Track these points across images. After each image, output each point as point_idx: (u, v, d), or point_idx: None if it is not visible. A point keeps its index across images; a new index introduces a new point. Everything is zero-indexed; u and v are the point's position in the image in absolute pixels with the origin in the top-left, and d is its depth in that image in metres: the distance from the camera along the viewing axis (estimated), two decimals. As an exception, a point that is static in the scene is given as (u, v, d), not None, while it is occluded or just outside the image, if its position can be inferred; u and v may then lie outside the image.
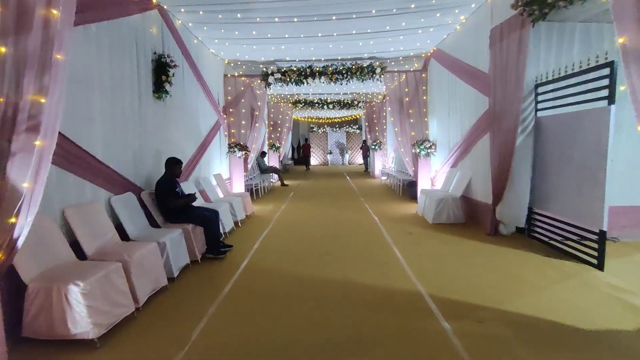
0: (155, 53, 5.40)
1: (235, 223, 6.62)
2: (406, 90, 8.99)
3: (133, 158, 4.71)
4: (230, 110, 9.17)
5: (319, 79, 8.89)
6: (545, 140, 4.93)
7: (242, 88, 9.19)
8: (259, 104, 9.24)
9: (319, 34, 7.39)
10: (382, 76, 8.88)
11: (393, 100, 9.09)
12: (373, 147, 14.56)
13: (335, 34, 7.30)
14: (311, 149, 22.73)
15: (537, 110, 5.11)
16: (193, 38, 7.05)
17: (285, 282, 3.98)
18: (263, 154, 13.04)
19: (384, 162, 14.89)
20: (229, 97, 9.19)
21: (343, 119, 25.07)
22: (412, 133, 8.98)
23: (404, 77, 8.99)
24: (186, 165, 6.32)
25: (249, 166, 9.40)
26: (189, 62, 6.69)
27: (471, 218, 6.59)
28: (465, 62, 6.61)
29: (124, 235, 4.01)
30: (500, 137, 5.20)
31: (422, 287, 3.73)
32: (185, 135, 6.53)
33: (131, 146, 4.67)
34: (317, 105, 14.83)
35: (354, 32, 7.15)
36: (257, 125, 9.25)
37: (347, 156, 24.41)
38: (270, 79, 8.90)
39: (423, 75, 8.96)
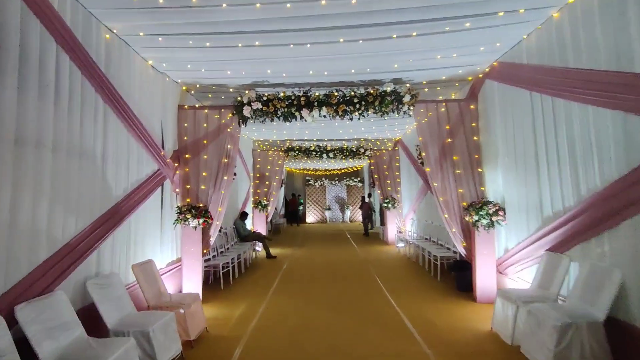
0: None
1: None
2: (447, 127, 6.10)
3: None
4: (187, 156, 6.16)
5: (319, 110, 6.00)
6: None
7: (205, 125, 6.26)
8: (229, 147, 6.25)
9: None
10: (412, 108, 6.02)
11: (428, 141, 6.15)
12: (386, 205, 11.46)
13: (341, 40, 4.54)
14: (300, 204, 20.54)
15: None
16: (104, 32, 4.18)
17: None
18: (244, 215, 9.87)
19: (398, 225, 11.72)
20: (186, 138, 6.21)
21: (343, 170, 22.36)
22: (460, 190, 5.93)
23: (443, 108, 6.14)
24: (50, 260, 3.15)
25: (212, 239, 6.18)
26: (87, 72, 3.75)
27: (624, 356, 3.30)
28: (584, 68, 3.70)
29: None
30: None
31: None
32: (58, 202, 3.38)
33: None
34: (314, 153, 11.97)
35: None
36: (226, 178, 6.19)
37: (348, 213, 21.24)
38: (247, 111, 6.00)
39: (472, 106, 6.12)
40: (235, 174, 9.14)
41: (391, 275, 7.55)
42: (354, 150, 11.90)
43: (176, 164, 5.96)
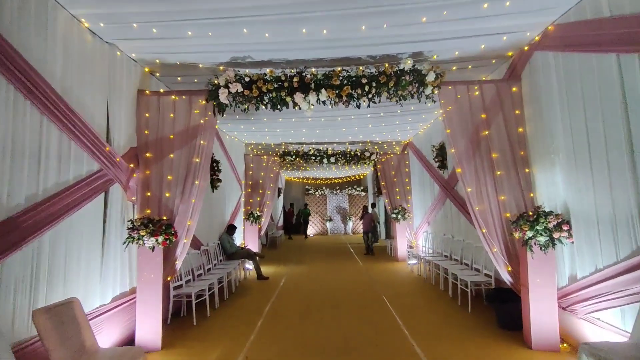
0: None
1: None
2: (482, 116, 4.73)
3: None
4: (148, 155, 4.79)
5: (317, 95, 4.63)
6: None
7: (172, 115, 4.91)
8: (201, 143, 4.88)
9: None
10: (436, 91, 4.66)
11: (458, 134, 4.78)
12: (395, 216, 10.04)
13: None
14: (306, 214, 18.80)
15: None
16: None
17: None
18: (231, 228, 8.47)
19: (409, 238, 10.28)
20: (147, 132, 4.85)
21: (345, 179, 20.99)
22: (502, 197, 4.53)
23: (477, 91, 4.78)
24: None
25: (178, 263, 4.77)
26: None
27: None
28: None
29: None
30: None
31: None
32: None
33: None
34: (313, 158, 10.60)
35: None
36: (197, 183, 4.81)
37: (350, 224, 19.78)
38: (224, 96, 4.64)
39: (514, 88, 4.76)
40: (219, 180, 7.77)
41: (407, 303, 6.10)
42: (358, 154, 10.53)
43: (132, 165, 4.58)
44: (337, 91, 4.60)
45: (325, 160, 10.51)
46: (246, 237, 10.15)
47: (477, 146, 4.67)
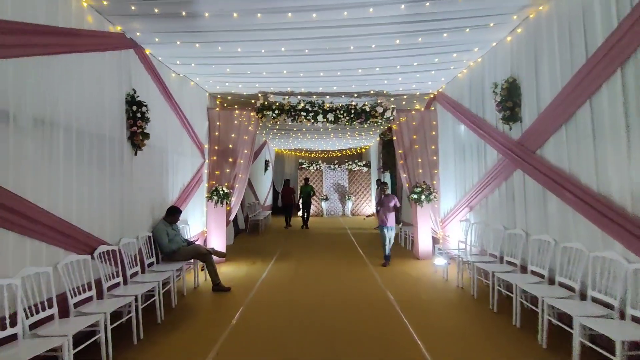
0: None
1: None
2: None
3: None
4: None
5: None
6: None
7: None
8: None
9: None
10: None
11: None
12: (417, 197, 7.15)
13: None
14: (307, 193, 13.12)
15: None
16: None
17: None
18: (172, 213, 5.51)
19: (435, 228, 7.44)
20: None
21: (344, 152, 18.01)
22: None
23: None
24: None
25: None
26: None
27: None
28: None
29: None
30: None
31: None
32: None
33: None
34: (304, 115, 7.57)
35: None
36: None
37: (349, 204, 16.96)
38: None
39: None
40: (146, 137, 4.83)
41: (453, 343, 3.36)
42: (367, 110, 7.51)
43: None
44: None
45: (320, 118, 7.50)
46: (209, 226, 7.26)
47: None
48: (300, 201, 12.99)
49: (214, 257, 5.74)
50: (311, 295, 5.14)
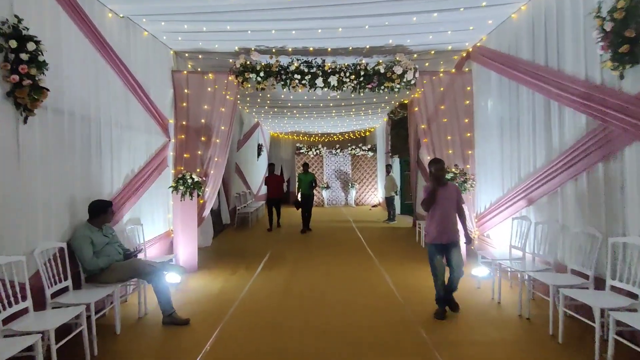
0: None
1: None
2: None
3: None
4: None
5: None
6: None
7: None
8: None
9: None
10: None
11: None
12: (455, 180, 5.40)
13: None
14: (308, 181, 9.21)
15: None
16: None
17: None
18: (97, 211, 3.70)
19: (472, 227, 5.70)
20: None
21: (346, 136, 16.19)
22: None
23: None
24: None
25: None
26: None
27: None
28: None
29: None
30: None
31: None
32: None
33: None
34: (298, 78, 5.74)
35: None
36: None
37: (353, 192, 15.26)
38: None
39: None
40: (41, 93, 3.01)
41: None
42: (382, 72, 5.70)
43: None
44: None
45: (320, 82, 5.68)
46: (176, 227, 5.52)
47: None
48: (299, 194, 9.22)
49: (173, 274, 4.07)
50: (310, 329, 3.46)
